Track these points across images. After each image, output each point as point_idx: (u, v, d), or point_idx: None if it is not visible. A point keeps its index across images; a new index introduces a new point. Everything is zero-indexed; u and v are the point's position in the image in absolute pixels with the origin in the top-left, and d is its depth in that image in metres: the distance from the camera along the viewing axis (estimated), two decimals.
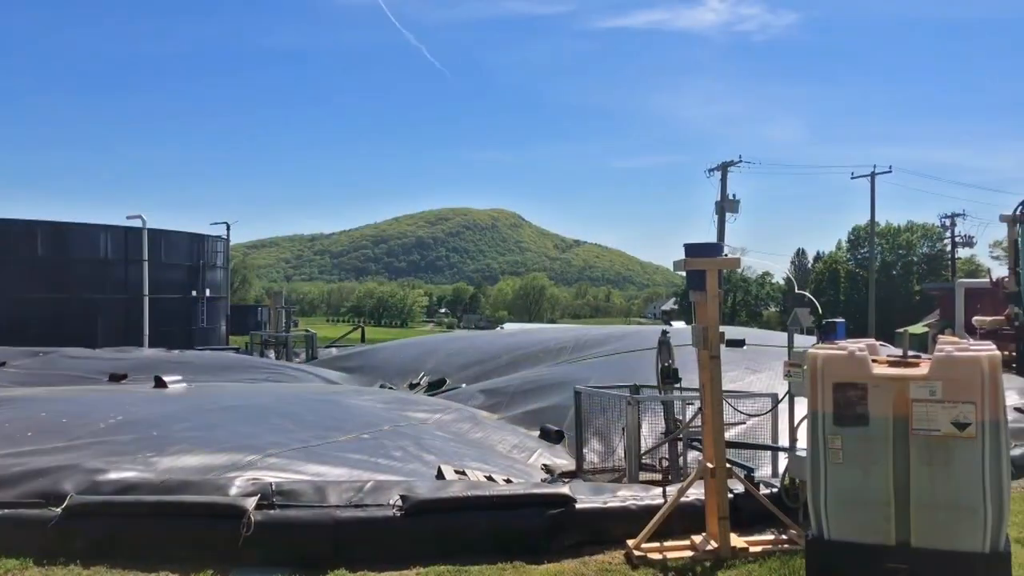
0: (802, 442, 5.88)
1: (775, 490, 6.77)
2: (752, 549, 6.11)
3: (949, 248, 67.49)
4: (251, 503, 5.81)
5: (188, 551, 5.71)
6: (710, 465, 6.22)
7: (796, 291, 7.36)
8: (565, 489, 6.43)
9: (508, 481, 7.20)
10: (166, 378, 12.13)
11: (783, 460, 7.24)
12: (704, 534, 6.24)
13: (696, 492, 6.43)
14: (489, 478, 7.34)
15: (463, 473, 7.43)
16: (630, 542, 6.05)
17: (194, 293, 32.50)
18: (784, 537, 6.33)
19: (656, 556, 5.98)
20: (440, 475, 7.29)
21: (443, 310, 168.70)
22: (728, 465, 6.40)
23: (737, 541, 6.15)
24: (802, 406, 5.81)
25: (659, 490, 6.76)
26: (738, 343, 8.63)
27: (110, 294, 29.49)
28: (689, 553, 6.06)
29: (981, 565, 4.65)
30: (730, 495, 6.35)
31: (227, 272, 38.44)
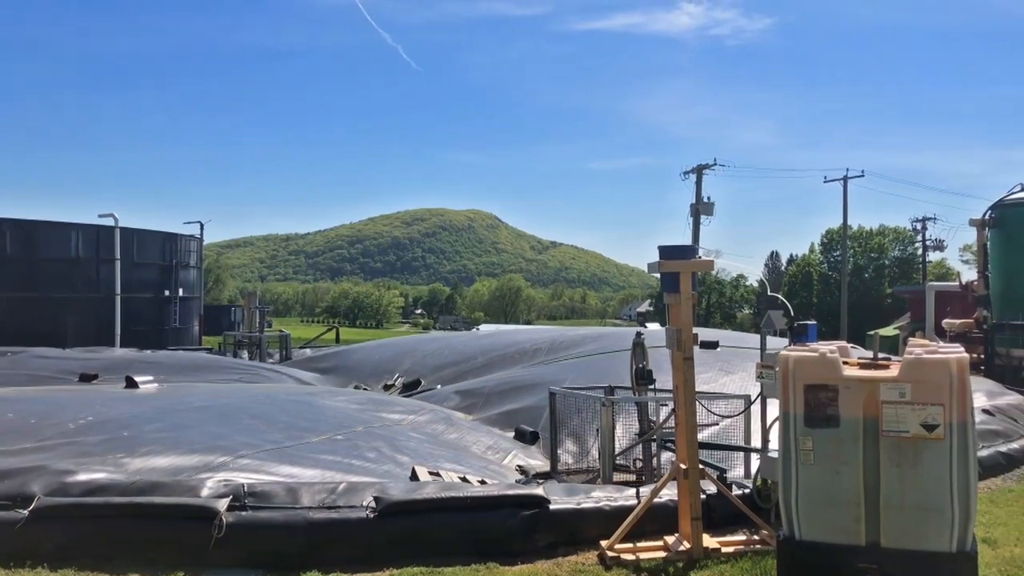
0: (774, 443, 5.92)
1: (747, 491, 6.82)
2: (724, 549, 6.15)
3: (920, 252, 68.31)
4: (223, 504, 5.76)
5: (159, 553, 5.66)
6: (683, 466, 6.25)
7: (769, 294, 7.43)
8: (539, 490, 6.44)
9: (482, 482, 7.19)
10: (137, 378, 12.01)
11: (756, 461, 7.29)
12: (677, 535, 6.27)
13: (669, 493, 6.46)
14: (463, 479, 7.33)
15: (437, 474, 7.41)
16: (603, 543, 6.07)
17: (167, 293, 32.18)
18: (756, 537, 6.38)
19: (629, 557, 6.01)
20: (414, 476, 7.27)
21: (419, 311, 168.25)
22: (701, 466, 6.44)
23: (709, 541, 6.19)
24: (774, 407, 5.86)
25: (633, 491, 6.79)
26: (712, 345, 8.69)
27: (81, 293, 29.11)
28: (662, 554, 6.09)
29: (948, 564, 4.71)
30: (703, 496, 6.39)
31: (200, 272, 38.05)
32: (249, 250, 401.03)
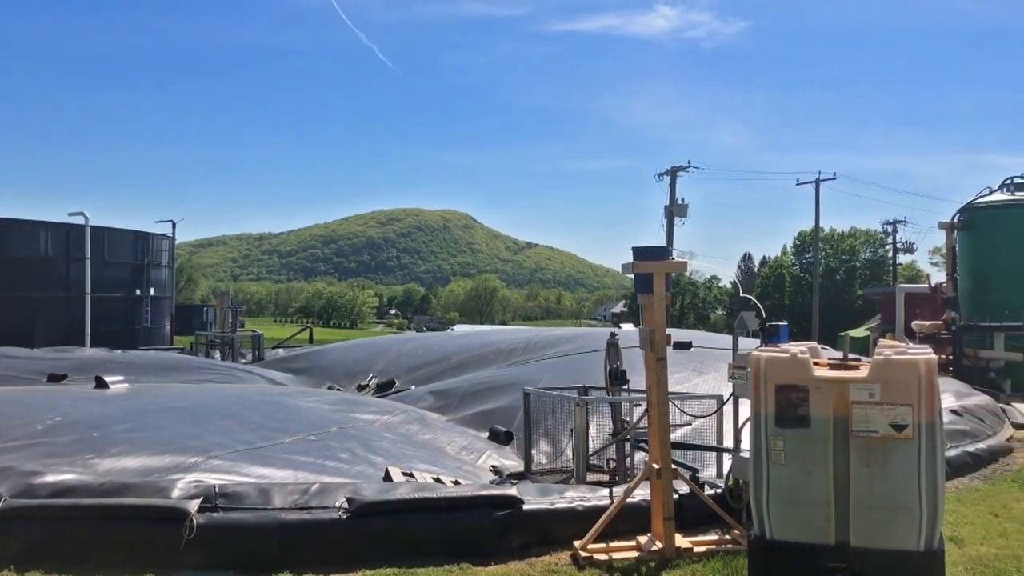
0: (746, 443, 5.96)
1: (719, 491, 6.87)
2: (696, 549, 6.19)
3: (891, 254, 69.17)
4: (194, 505, 5.72)
5: (128, 555, 5.60)
6: (656, 466, 6.28)
7: (741, 295, 7.47)
8: (512, 491, 6.45)
9: (456, 483, 7.19)
10: (107, 378, 11.89)
11: (728, 461, 7.34)
12: (650, 534, 6.30)
13: (642, 493, 6.49)
14: (437, 480, 7.32)
15: (411, 475, 7.40)
16: (577, 543, 6.09)
17: (138, 292, 31.84)
18: (728, 537, 6.43)
19: (602, 557, 6.03)
20: (387, 477, 7.25)
21: (393, 311, 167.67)
22: (673, 466, 6.48)
23: (682, 541, 6.22)
24: (746, 408, 5.90)
25: (606, 491, 6.81)
26: (685, 345, 8.75)
27: (50, 292, 28.75)
28: (635, 553, 6.12)
29: (916, 563, 4.77)
30: (676, 496, 6.43)
31: (172, 271, 37.67)
32: (222, 249, 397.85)
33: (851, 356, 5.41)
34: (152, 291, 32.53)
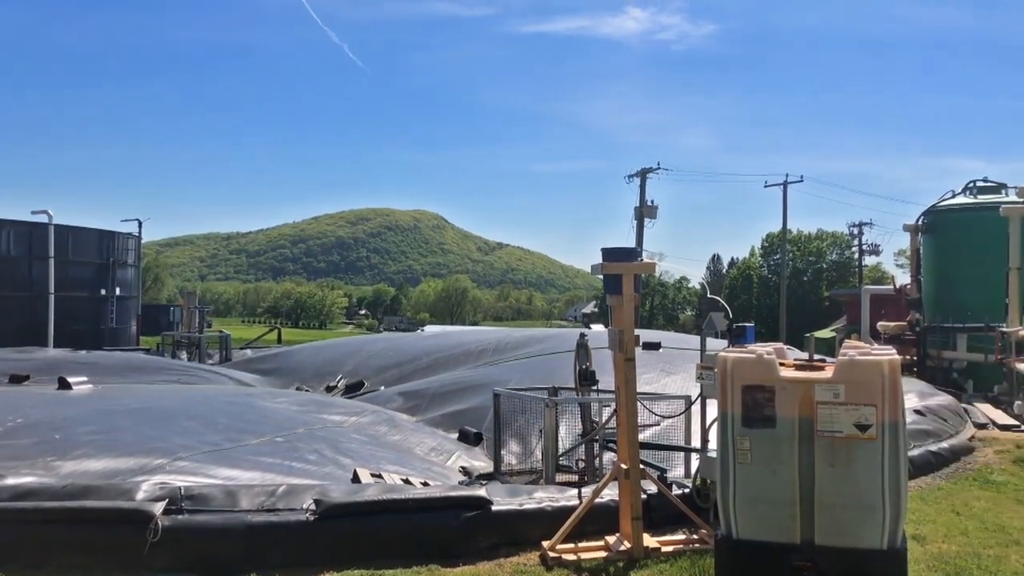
0: (714, 443, 6.01)
1: (687, 490, 6.91)
2: (664, 549, 6.22)
3: (857, 256, 70.08)
4: (158, 508, 5.65)
5: (91, 559, 5.53)
6: (624, 466, 6.31)
7: (709, 296, 7.52)
8: (481, 492, 6.45)
9: (425, 484, 7.17)
10: (71, 379, 11.71)
11: (696, 461, 7.39)
12: (618, 534, 6.32)
13: (611, 493, 6.52)
14: (406, 481, 7.29)
15: (379, 476, 7.37)
16: (545, 543, 6.10)
17: (103, 292, 31.43)
18: (695, 537, 6.47)
19: (571, 557, 6.04)
20: (356, 478, 7.22)
21: (363, 312, 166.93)
22: (642, 466, 6.51)
23: (650, 541, 6.26)
24: (714, 408, 5.94)
25: (575, 491, 6.83)
26: (654, 346, 8.80)
27: (12, 292, 28.29)
28: (603, 553, 6.14)
29: (879, 561, 4.83)
30: (644, 496, 6.46)
31: (138, 270, 37.26)
32: (189, 249, 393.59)
33: (816, 357, 5.47)
34: (117, 291, 32.13)
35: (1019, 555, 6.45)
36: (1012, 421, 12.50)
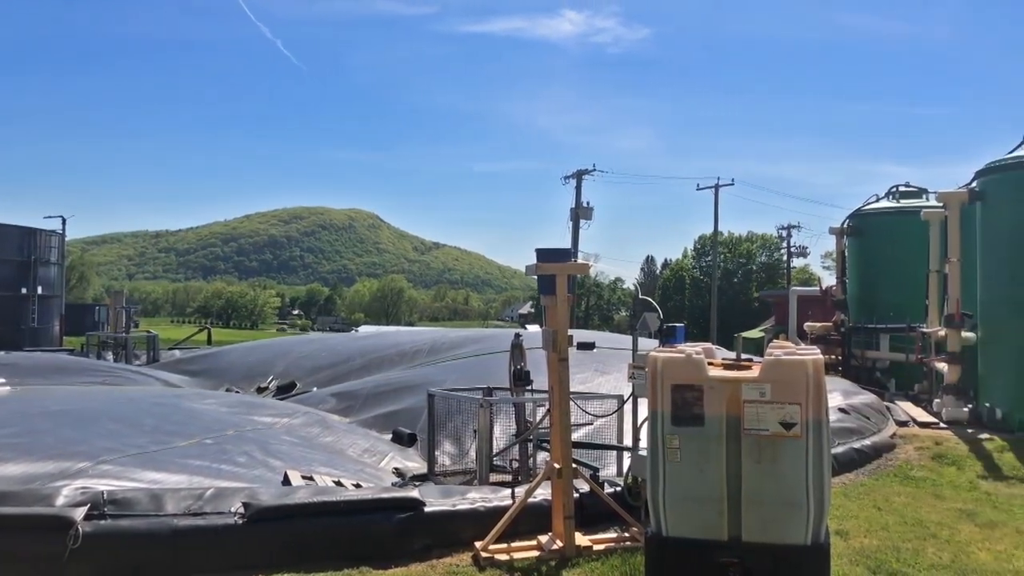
0: (645, 442, 6.08)
1: (619, 489, 6.98)
2: (596, 547, 6.28)
3: (785, 257, 71.73)
4: (79, 513, 5.49)
5: (8, 568, 5.34)
6: (557, 465, 6.34)
7: (640, 297, 7.62)
8: (414, 493, 6.42)
9: (357, 486, 7.10)
10: None
11: (628, 459, 7.47)
12: (551, 534, 6.36)
13: (544, 492, 6.55)
14: (338, 483, 7.22)
15: (311, 478, 7.28)
16: (478, 544, 6.10)
17: (24, 291, 30.42)
18: (627, 535, 6.54)
19: (503, 557, 6.05)
20: (286, 481, 7.12)
21: (296, 312, 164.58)
22: (574, 465, 6.55)
23: (582, 540, 6.30)
24: (645, 407, 6.01)
25: (508, 491, 6.84)
26: (588, 346, 8.86)
27: None
28: (535, 553, 6.17)
29: (803, 556, 4.94)
30: (576, 494, 6.50)
31: (62, 269, 36.12)
32: (116, 247, 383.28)
33: (745, 356, 5.57)
34: (39, 290, 31.17)
35: (936, 548, 6.68)
36: (931, 419, 12.91)
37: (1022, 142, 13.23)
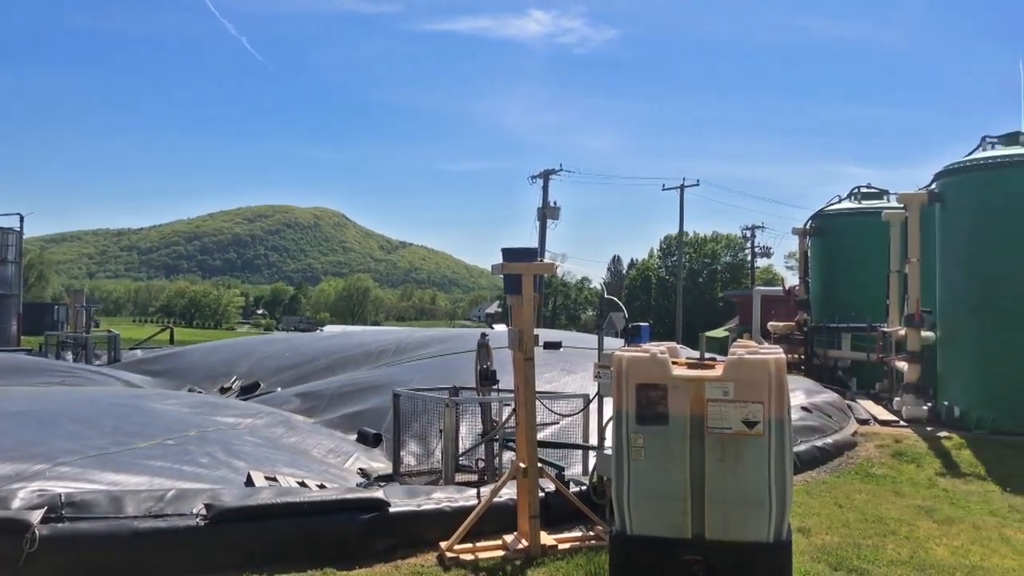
0: (610, 441, 6.10)
1: (584, 488, 7.00)
2: (561, 546, 6.29)
3: (749, 258, 72.48)
4: (36, 516, 5.38)
5: None
6: (522, 465, 6.35)
7: (606, 296, 7.64)
8: (379, 493, 6.39)
9: (322, 486, 7.05)
10: None
11: (593, 459, 7.49)
12: (516, 533, 6.36)
13: (509, 492, 6.54)
14: (302, 484, 7.16)
15: (274, 479, 7.22)
16: (443, 544, 6.09)
17: None
18: (591, 534, 6.56)
19: (468, 557, 6.04)
20: (250, 482, 7.05)
21: (260, 311, 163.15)
22: (540, 465, 6.56)
23: (547, 539, 6.31)
24: (611, 406, 6.03)
25: (473, 491, 6.83)
26: (555, 345, 8.86)
27: None
28: (500, 552, 6.17)
29: (766, 554, 4.99)
30: (542, 494, 6.51)
31: (20, 267, 35.48)
32: (77, 245, 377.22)
33: (708, 356, 5.61)
34: None
35: (895, 544, 6.78)
36: (892, 417, 13.11)
37: (979, 145, 13.47)
